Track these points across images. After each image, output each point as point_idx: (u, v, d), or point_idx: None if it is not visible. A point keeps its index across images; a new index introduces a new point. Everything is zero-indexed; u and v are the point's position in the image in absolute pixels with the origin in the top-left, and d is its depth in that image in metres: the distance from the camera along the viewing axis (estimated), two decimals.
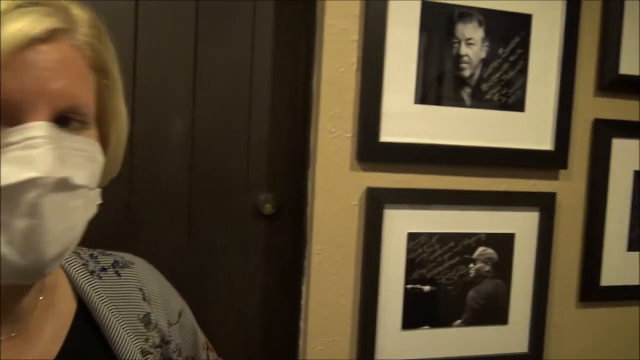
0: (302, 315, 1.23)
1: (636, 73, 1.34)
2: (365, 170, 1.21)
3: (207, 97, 1.21)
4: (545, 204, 1.32)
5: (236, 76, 1.23)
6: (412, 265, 1.24)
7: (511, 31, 1.26)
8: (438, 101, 1.23)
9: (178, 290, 0.68)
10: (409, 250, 1.24)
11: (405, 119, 1.21)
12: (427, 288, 1.26)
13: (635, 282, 1.40)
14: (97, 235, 0.55)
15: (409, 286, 1.24)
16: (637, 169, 1.39)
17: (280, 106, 1.27)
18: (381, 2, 1.16)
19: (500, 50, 1.26)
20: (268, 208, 1.28)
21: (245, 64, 1.23)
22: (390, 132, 1.20)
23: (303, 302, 1.23)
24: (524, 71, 1.28)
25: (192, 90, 1.20)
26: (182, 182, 1.22)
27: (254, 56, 1.23)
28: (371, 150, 1.19)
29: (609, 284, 1.38)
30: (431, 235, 1.25)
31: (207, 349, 0.68)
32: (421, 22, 1.20)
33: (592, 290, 1.37)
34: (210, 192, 1.24)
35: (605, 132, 1.35)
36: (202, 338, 0.68)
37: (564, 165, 1.32)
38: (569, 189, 1.35)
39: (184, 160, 1.22)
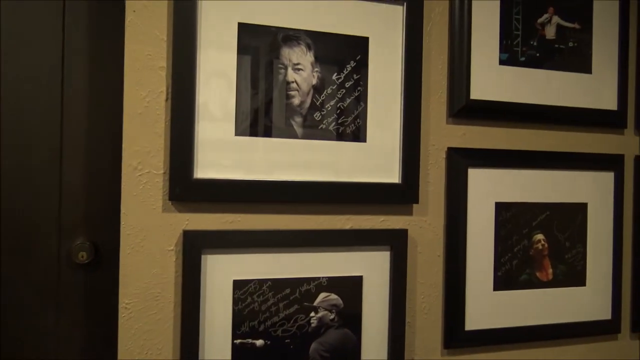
0: None
1: (488, 98, 1.25)
2: (180, 211, 1.07)
3: (10, 130, 1.07)
4: (396, 242, 1.20)
5: (45, 104, 1.09)
6: (241, 317, 1.10)
7: (345, 55, 1.16)
8: (263, 132, 1.11)
9: None
10: (236, 300, 1.09)
11: (225, 153, 1.09)
12: (259, 342, 1.11)
13: (504, 325, 1.28)
14: None
15: (238, 341, 1.09)
16: (499, 200, 1.28)
17: (97, 140, 1.13)
18: (191, 24, 1.05)
19: (334, 76, 1.15)
20: (83, 256, 1.13)
21: (56, 82, 1.09)
22: (208, 167, 1.07)
23: None
24: (362, 98, 1.17)
25: None
26: None
27: (65, 80, 1.10)
28: (185, 188, 1.06)
29: (475, 328, 1.26)
30: (262, 281, 1.11)
31: None
32: (239, 46, 1.09)
33: (456, 336, 1.24)
34: (14, 239, 1.08)
35: (460, 161, 1.25)
36: None
37: (414, 199, 1.20)
38: (425, 224, 1.24)
39: None
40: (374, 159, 1.18)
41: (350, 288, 1.17)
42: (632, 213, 1.44)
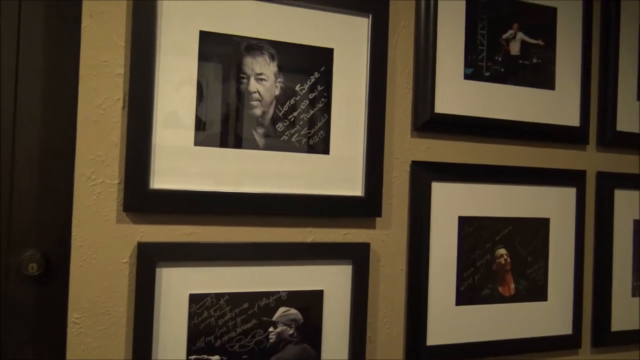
0: None
1: (453, 112, 1.25)
2: (135, 222, 1.04)
3: None
4: (358, 256, 1.18)
5: None
6: (197, 333, 1.06)
7: (310, 66, 1.15)
8: (224, 142, 1.08)
9: None
10: (192, 315, 1.06)
11: (184, 163, 1.06)
12: (215, 358, 1.08)
13: (466, 340, 1.27)
14: None
15: (193, 357, 1.06)
16: (462, 214, 1.28)
17: (50, 148, 1.09)
18: (150, 31, 1.02)
19: (298, 87, 1.14)
20: (33, 268, 1.09)
21: (9, 87, 1.05)
22: (165, 177, 1.05)
23: None
24: (326, 110, 1.16)
25: None
26: None
27: (19, 85, 1.06)
28: (141, 199, 1.03)
29: (437, 343, 1.25)
30: (219, 295, 1.08)
31: None
32: (200, 54, 1.07)
33: (418, 351, 1.23)
34: None
35: (424, 175, 1.24)
36: None
37: (377, 212, 1.19)
38: (387, 238, 1.23)
39: None
40: (337, 172, 1.17)
41: (310, 302, 1.15)
42: (593, 228, 1.45)
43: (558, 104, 1.37)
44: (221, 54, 1.08)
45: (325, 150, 1.16)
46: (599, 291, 1.44)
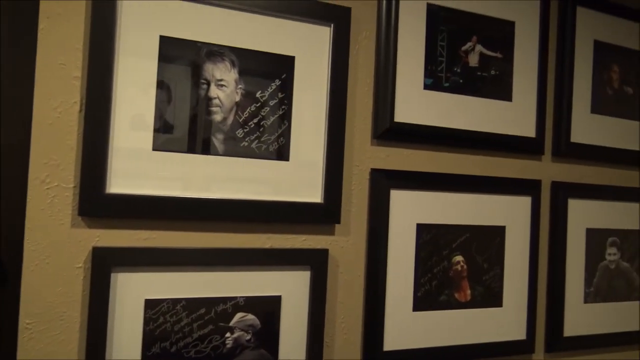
0: None
1: (412, 121, 1.27)
2: (90, 227, 1.03)
3: None
4: (316, 262, 1.19)
5: None
6: (152, 338, 1.06)
7: (271, 73, 1.16)
8: (183, 147, 1.08)
9: None
10: (147, 320, 1.06)
11: (141, 167, 1.05)
12: None
13: (423, 345, 1.30)
14: None
15: None
16: (420, 222, 1.30)
17: (3, 150, 1.07)
18: (109, 34, 1.02)
19: (259, 94, 1.14)
20: None
21: None
22: (122, 182, 1.04)
23: None
24: (286, 117, 1.17)
25: None
26: None
27: None
28: (96, 203, 1.02)
29: (393, 349, 1.27)
30: (176, 301, 1.08)
31: None
32: (160, 59, 1.06)
33: (375, 356, 1.25)
34: None
35: (383, 182, 1.26)
36: None
37: (336, 219, 1.21)
38: (346, 244, 1.24)
39: None
40: (297, 178, 1.18)
41: (268, 308, 1.15)
42: (547, 236, 1.49)
43: (515, 115, 1.41)
44: (182, 59, 1.08)
45: (285, 157, 1.17)
46: (553, 297, 1.48)
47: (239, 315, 1.13)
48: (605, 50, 1.57)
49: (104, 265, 1.03)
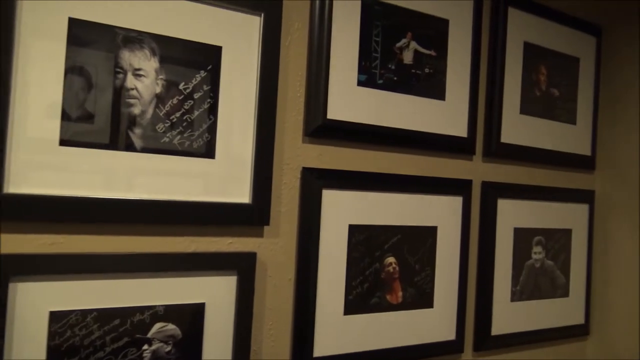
0: None
1: (345, 118, 1.23)
2: None
3: None
4: (243, 266, 1.12)
5: None
6: (57, 354, 0.95)
7: (195, 64, 1.07)
8: (95, 142, 0.98)
9: None
10: (53, 335, 0.95)
11: (46, 164, 0.94)
12: None
13: (353, 350, 1.26)
14: None
15: None
16: (353, 222, 1.26)
17: None
18: (8, 12, 0.90)
19: (182, 85, 1.06)
20: None
21: None
22: (22, 181, 0.93)
23: None
24: (212, 111, 1.09)
25: None
26: None
27: None
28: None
29: (324, 354, 1.22)
30: (86, 312, 0.98)
31: None
32: (69, 44, 0.95)
33: None
34: None
35: (314, 182, 1.20)
36: None
37: (265, 221, 1.14)
38: (276, 247, 1.18)
39: None
40: (223, 177, 1.10)
41: (190, 317, 1.07)
42: (477, 236, 1.49)
43: (448, 115, 1.40)
44: (94, 44, 0.98)
45: (211, 154, 1.09)
46: (481, 297, 1.49)
47: (158, 325, 1.04)
48: (534, 52, 1.59)
49: (1, 274, 0.91)
